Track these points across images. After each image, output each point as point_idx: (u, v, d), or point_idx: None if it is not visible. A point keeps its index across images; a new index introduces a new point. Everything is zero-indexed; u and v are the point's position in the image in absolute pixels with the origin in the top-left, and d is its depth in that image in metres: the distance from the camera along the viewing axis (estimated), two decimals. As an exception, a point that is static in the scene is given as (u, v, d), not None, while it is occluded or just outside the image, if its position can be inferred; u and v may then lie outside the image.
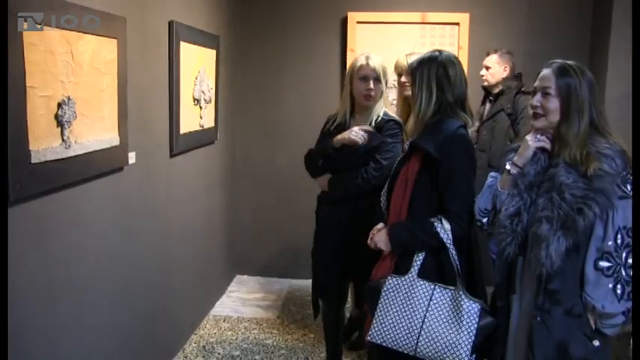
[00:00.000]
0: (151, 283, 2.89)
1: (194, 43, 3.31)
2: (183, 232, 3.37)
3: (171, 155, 3.11)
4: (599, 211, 1.75)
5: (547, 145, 1.91)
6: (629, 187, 1.77)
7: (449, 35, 4.23)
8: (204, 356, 3.31)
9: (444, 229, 2.06)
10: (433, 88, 2.13)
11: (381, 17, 4.24)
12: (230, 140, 4.33)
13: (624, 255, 1.75)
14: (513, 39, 4.15)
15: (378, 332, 2.10)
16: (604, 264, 1.77)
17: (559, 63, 1.88)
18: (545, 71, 1.90)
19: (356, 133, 2.59)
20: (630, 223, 1.76)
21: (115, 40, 2.34)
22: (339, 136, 2.66)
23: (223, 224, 4.27)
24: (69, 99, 2.02)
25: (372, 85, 2.67)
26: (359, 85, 2.70)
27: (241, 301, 4.16)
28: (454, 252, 2.06)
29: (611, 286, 1.76)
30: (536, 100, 1.90)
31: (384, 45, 4.12)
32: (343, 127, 2.76)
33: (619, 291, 1.75)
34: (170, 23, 2.97)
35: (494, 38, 4.11)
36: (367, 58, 2.72)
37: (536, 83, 1.92)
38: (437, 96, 2.13)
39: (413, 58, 2.38)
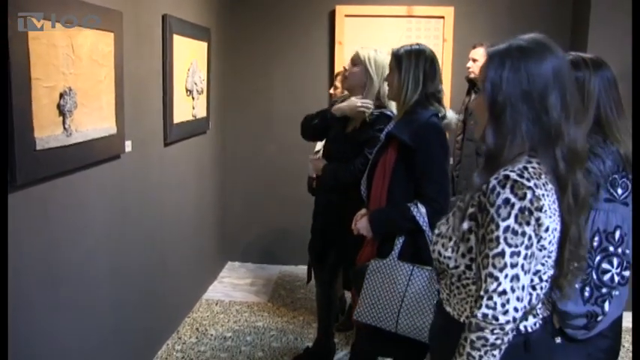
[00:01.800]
0: (145, 267, 3.01)
1: (186, 36, 3.41)
2: (177, 219, 3.48)
3: (165, 144, 3.22)
4: None
5: None
6: (619, 191, 1.68)
7: (434, 28, 4.35)
8: (197, 337, 3.44)
9: (420, 212, 2.21)
10: (420, 78, 2.27)
11: (368, 10, 4.35)
12: (221, 130, 4.44)
13: (598, 259, 1.68)
14: (497, 32, 4.26)
15: (363, 312, 2.25)
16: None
17: (572, 56, 1.75)
18: None
19: (361, 104, 2.69)
20: (612, 227, 1.68)
21: (111, 34, 2.45)
22: (342, 105, 2.79)
23: (214, 211, 4.39)
24: (70, 89, 2.13)
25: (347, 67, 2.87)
26: None
27: (232, 286, 4.29)
28: (430, 234, 2.20)
29: (578, 286, 1.67)
30: None
31: (371, 38, 4.23)
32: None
33: (586, 294, 1.69)
34: (163, 17, 3.07)
35: (478, 31, 4.24)
36: None
37: None
38: (422, 86, 2.27)
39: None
